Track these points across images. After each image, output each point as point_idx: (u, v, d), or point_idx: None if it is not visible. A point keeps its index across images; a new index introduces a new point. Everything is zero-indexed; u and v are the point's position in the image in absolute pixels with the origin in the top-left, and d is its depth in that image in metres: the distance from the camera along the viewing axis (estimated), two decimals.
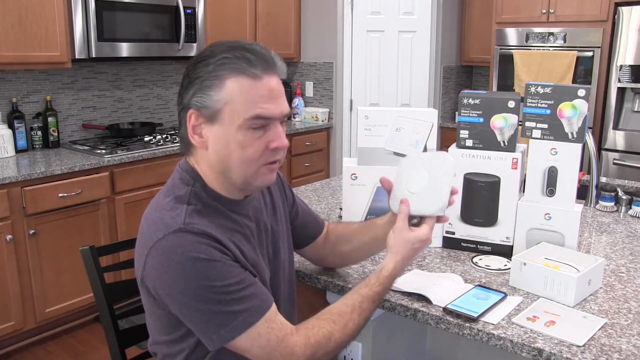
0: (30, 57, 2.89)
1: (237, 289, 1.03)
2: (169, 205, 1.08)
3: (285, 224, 1.32)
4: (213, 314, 1.02)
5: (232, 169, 1.08)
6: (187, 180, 1.12)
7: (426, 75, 4.43)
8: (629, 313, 1.26)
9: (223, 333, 1.03)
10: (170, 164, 3.29)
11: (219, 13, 3.79)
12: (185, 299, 1.02)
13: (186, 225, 1.03)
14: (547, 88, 1.47)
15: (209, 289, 1.01)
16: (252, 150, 1.06)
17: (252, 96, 1.04)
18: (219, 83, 1.04)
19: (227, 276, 1.02)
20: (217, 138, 1.07)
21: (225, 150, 1.07)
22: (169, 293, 1.03)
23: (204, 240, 1.03)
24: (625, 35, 3.57)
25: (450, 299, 1.29)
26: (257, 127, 1.06)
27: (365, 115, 1.62)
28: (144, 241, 1.07)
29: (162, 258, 1.02)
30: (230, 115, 1.05)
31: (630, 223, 1.91)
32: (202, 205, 1.09)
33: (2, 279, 2.65)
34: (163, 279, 1.03)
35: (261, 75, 1.05)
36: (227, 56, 1.05)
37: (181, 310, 1.05)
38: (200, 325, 1.04)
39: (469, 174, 1.59)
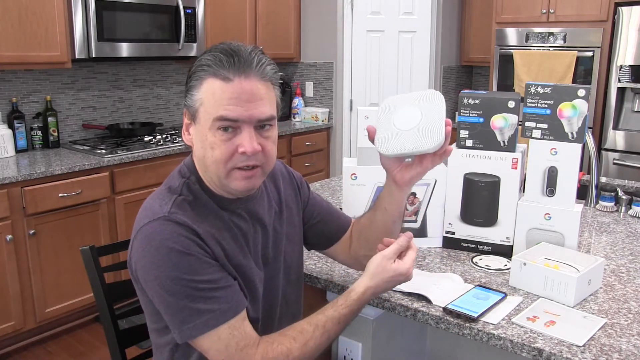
0: (30, 57, 2.89)
1: (207, 287, 1.03)
2: (161, 194, 1.11)
3: (295, 226, 1.31)
4: (179, 308, 1.03)
5: (208, 168, 1.10)
6: (184, 172, 1.15)
7: (426, 75, 4.43)
8: (629, 313, 1.26)
9: (185, 329, 1.04)
10: (170, 164, 3.29)
11: (219, 13, 3.79)
12: (157, 287, 1.04)
13: (170, 215, 1.05)
14: (547, 88, 1.47)
15: (178, 280, 1.02)
16: (219, 152, 1.06)
17: (220, 98, 1.05)
18: (198, 84, 1.07)
19: (198, 272, 1.03)
20: (196, 137, 1.10)
21: (202, 149, 1.09)
22: (145, 278, 1.05)
23: (183, 232, 1.04)
24: (625, 35, 3.57)
25: (450, 299, 1.29)
26: (224, 129, 1.05)
27: (365, 115, 1.62)
28: (134, 226, 1.10)
29: (143, 242, 1.05)
30: (203, 115, 1.07)
31: (630, 223, 1.91)
32: (193, 198, 1.11)
33: (2, 279, 2.65)
34: (142, 263, 1.05)
35: (232, 77, 1.05)
36: (208, 57, 1.07)
37: (154, 298, 1.06)
38: (168, 317, 1.06)
39: (469, 174, 1.59)
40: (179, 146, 3.34)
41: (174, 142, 3.41)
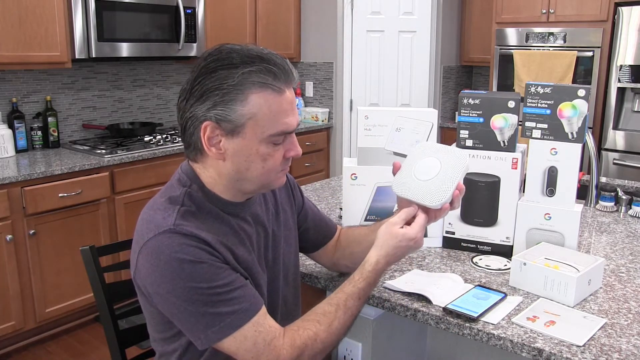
0: (30, 57, 2.89)
1: (225, 290, 1.03)
2: (162, 206, 1.09)
3: (291, 228, 1.31)
4: (200, 315, 1.02)
5: (248, 179, 1.09)
6: (184, 181, 1.13)
7: (426, 75, 4.43)
8: (629, 313, 1.26)
9: (210, 334, 1.03)
10: (170, 164, 3.29)
11: (219, 13, 3.79)
12: (173, 299, 1.02)
13: (176, 227, 1.03)
14: (547, 88, 1.47)
15: (195, 290, 1.01)
16: (273, 162, 1.08)
17: (276, 111, 1.05)
18: (243, 97, 1.03)
19: (214, 278, 1.02)
20: (237, 151, 1.06)
21: (246, 162, 1.07)
22: (157, 292, 1.04)
23: (191, 242, 1.03)
24: (625, 35, 3.57)
25: (450, 299, 1.29)
26: (278, 142, 1.07)
27: (365, 115, 1.62)
28: (137, 240, 1.08)
29: (150, 258, 1.03)
30: (253, 129, 1.04)
31: (630, 223, 1.91)
32: (196, 208, 1.09)
33: (2, 279, 2.65)
34: (152, 278, 1.03)
35: (284, 88, 1.05)
36: (251, 69, 1.03)
37: (170, 310, 1.05)
38: (188, 325, 1.04)
39: (469, 174, 1.58)
40: (179, 146, 3.34)
41: (174, 142, 3.41)
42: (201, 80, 1.05)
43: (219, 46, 1.08)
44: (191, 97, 1.06)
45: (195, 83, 1.05)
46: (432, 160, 1.21)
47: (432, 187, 1.18)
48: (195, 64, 1.08)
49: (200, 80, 1.05)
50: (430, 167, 1.20)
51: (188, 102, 1.07)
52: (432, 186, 1.18)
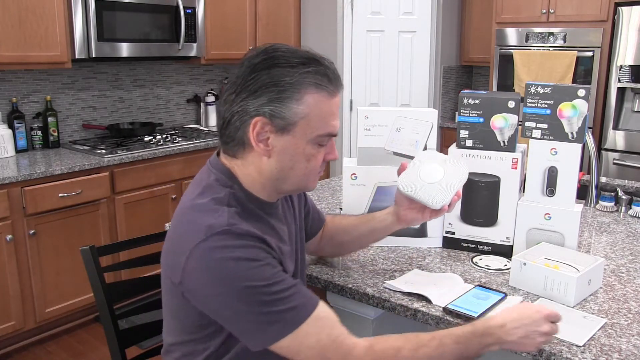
0: (30, 57, 2.89)
1: (282, 288, 1.01)
2: (208, 206, 1.06)
3: (299, 223, 1.32)
4: (258, 315, 1.00)
5: (289, 178, 1.10)
6: (223, 181, 1.11)
7: (426, 75, 4.43)
8: (629, 313, 1.26)
9: (269, 334, 1.01)
10: (170, 164, 3.29)
11: (219, 13, 3.79)
12: (228, 300, 1.00)
13: (230, 227, 1.01)
14: (547, 88, 1.47)
15: (253, 289, 0.99)
16: (314, 163, 1.10)
17: (326, 113, 1.07)
18: (299, 96, 1.04)
19: (271, 277, 1.01)
20: (284, 148, 1.07)
21: (290, 161, 1.08)
22: (211, 293, 1.01)
23: (248, 242, 1.01)
24: (625, 35, 3.57)
25: (450, 299, 1.29)
26: (323, 142, 1.10)
27: (365, 115, 1.62)
28: (183, 242, 1.04)
29: (205, 259, 1.00)
30: (303, 128, 1.06)
31: (630, 223, 1.91)
32: (241, 209, 1.08)
33: (2, 279, 2.65)
34: (206, 279, 1.00)
35: (335, 92, 1.08)
36: (308, 70, 1.05)
37: (222, 312, 1.02)
38: (243, 327, 1.02)
39: (469, 174, 1.58)
40: (179, 146, 3.34)
41: (174, 142, 3.41)
42: (256, 76, 1.04)
43: (272, 44, 1.09)
44: (243, 91, 1.05)
45: (250, 78, 1.05)
46: (437, 166, 1.34)
47: (435, 189, 1.30)
48: (246, 59, 1.08)
49: (255, 75, 1.05)
50: (435, 172, 1.33)
51: (239, 96, 1.06)
52: (435, 189, 1.30)
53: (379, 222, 1.40)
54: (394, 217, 1.38)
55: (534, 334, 1.07)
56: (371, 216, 1.42)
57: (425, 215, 1.35)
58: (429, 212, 1.34)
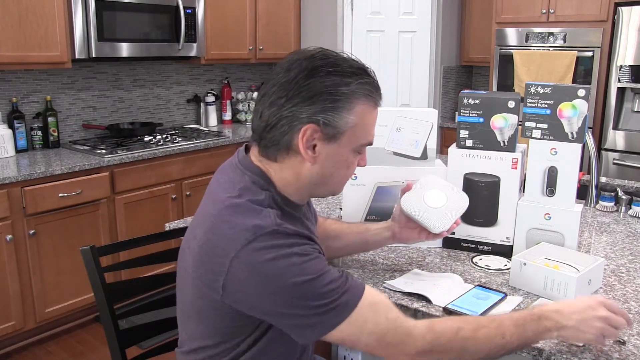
0: (30, 57, 2.89)
1: (333, 278, 1.01)
2: (249, 207, 1.04)
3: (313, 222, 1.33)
4: (313, 308, 0.99)
5: (326, 184, 1.12)
6: (261, 184, 1.09)
7: (426, 75, 4.43)
8: (629, 313, 1.26)
9: (324, 321, 1.00)
10: (170, 164, 3.29)
11: (219, 13, 3.79)
12: (281, 298, 0.99)
13: (279, 226, 1.01)
14: (547, 88, 1.47)
15: (308, 283, 0.99)
16: (352, 170, 1.14)
17: (370, 123, 1.11)
18: (351, 106, 1.06)
19: (322, 269, 1.01)
20: (330, 156, 1.08)
21: (333, 168, 1.10)
22: (261, 293, 0.99)
23: (298, 241, 1.02)
24: (625, 35, 3.57)
25: (450, 299, 1.29)
26: (361, 151, 1.13)
27: None
28: (226, 243, 1.01)
29: (256, 260, 0.98)
30: (350, 137, 1.08)
31: (630, 223, 1.91)
32: (279, 211, 1.08)
33: (2, 279, 2.65)
34: (256, 280, 0.99)
35: (380, 103, 1.12)
36: (361, 81, 1.07)
37: (274, 311, 1.01)
38: (298, 322, 1.01)
39: (469, 174, 1.59)
40: (179, 146, 3.34)
41: (174, 142, 3.41)
42: (311, 83, 1.04)
43: (321, 50, 1.10)
44: (296, 97, 1.04)
45: (305, 84, 1.04)
46: (441, 193, 1.40)
47: (436, 214, 1.36)
48: (294, 63, 1.07)
49: (310, 82, 1.04)
50: (438, 198, 1.39)
51: (290, 101, 1.05)
52: (437, 214, 1.36)
53: (373, 236, 1.41)
54: (389, 233, 1.41)
55: (591, 319, 1.06)
56: (365, 228, 1.43)
57: (421, 236, 1.40)
58: (426, 234, 1.39)
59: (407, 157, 1.63)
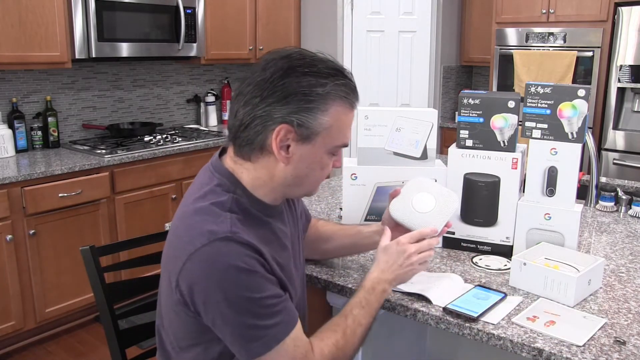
0: (30, 57, 2.89)
1: (272, 303, 1.03)
2: (210, 211, 1.05)
3: (300, 225, 1.33)
4: (246, 327, 1.01)
5: (301, 185, 1.12)
6: (227, 186, 1.10)
7: (426, 75, 4.42)
8: (629, 313, 1.26)
9: (254, 347, 1.02)
10: (170, 164, 3.29)
11: (219, 13, 3.79)
12: (222, 309, 1.00)
13: (233, 234, 1.01)
14: (547, 88, 1.47)
15: (247, 300, 1.00)
16: (326, 171, 1.14)
17: (346, 125, 1.10)
18: (326, 107, 1.05)
19: (265, 289, 1.02)
20: (303, 157, 1.08)
21: (307, 169, 1.10)
22: (205, 301, 1.01)
23: (248, 252, 1.02)
24: (625, 35, 3.57)
25: (450, 299, 1.29)
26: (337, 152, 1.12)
27: (365, 115, 1.62)
28: (183, 245, 1.04)
29: (204, 265, 1.00)
30: (324, 138, 1.07)
31: (630, 223, 1.91)
32: (243, 215, 1.08)
33: (2, 279, 2.65)
34: (203, 286, 1.01)
35: (356, 105, 1.11)
36: (337, 82, 1.06)
37: (214, 320, 1.03)
38: (233, 338, 1.03)
39: (469, 174, 1.59)
40: (179, 146, 3.34)
41: (174, 142, 3.41)
42: (286, 83, 1.03)
43: (297, 50, 1.08)
44: (270, 97, 1.04)
45: (279, 84, 1.03)
46: (429, 196, 1.36)
47: (427, 219, 1.33)
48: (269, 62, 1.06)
49: (285, 82, 1.03)
50: (427, 202, 1.35)
51: (264, 100, 1.04)
52: (427, 218, 1.33)
53: (364, 239, 1.42)
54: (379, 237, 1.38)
55: (405, 260, 1.23)
56: (356, 230, 1.44)
57: None
58: None
59: (407, 157, 1.63)
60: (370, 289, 1.20)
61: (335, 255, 1.52)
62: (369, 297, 1.19)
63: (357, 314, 1.17)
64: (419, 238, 1.26)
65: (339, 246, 1.46)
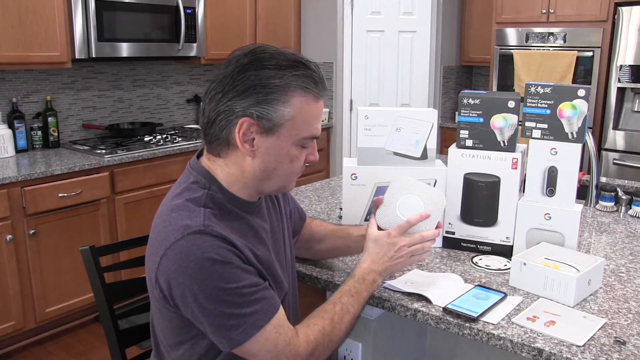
0: (30, 57, 2.89)
1: (250, 292, 1.04)
2: (185, 207, 1.08)
3: (286, 222, 1.33)
4: (225, 317, 1.02)
5: (271, 179, 1.12)
6: (202, 183, 1.12)
7: (426, 75, 4.43)
8: (629, 313, 1.26)
9: (234, 336, 1.03)
10: (170, 164, 3.29)
11: (219, 13, 3.79)
12: (199, 301, 1.02)
13: (205, 227, 1.03)
14: (547, 88, 1.47)
15: (223, 291, 1.01)
16: (297, 164, 1.12)
17: (311, 116, 1.09)
18: (285, 98, 1.05)
19: (241, 279, 1.03)
20: (269, 149, 1.08)
21: (275, 162, 1.09)
22: (183, 294, 1.03)
23: (221, 244, 1.03)
24: (625, 35, 3.57)
25: (450, 299, 1.29)
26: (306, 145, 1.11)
27: (365, 115, 1.62)
28: (159, 241, 1.06)
29: (179, 258, 1.02)
30: (289, 130, 1.07)
31: (630, 223, 1.91)
32: (218, 209, 1.09)
33: (2, 279, 2.65)
34: (179, 279, 1.02)
35: (320, 96, 1.10)
36: (296, 73, 1.06)
37: (194, 312, 1.04)
38: (213, 328, 1.04)
39: (469, 174, 1.59)
40: (179, 146, 3.34)
41: (174, 142, 3.41)
42: (244, 77, 1.05)
43: (259, 45, 1.10)
44: (230, 91, 1.06)
45: (238, 78, 1.05)
46: (414, 198, 1.32)
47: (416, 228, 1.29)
48: (233, 58, 1.08)
49: (243, 76, 1.05)
50: (414, 207, 1.31)
51: (226, 95, 1.06)
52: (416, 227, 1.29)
53: (354, 242, 1.41)
54: None
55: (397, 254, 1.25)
56: (347, 233, 1.43)
57: None
58: None
59: (407, 157, 1.63)
60: (360, 279, 1.22)
61: (328, 256, 1.52)
62: (358, 287, 1.21)
63: (346, 302, 1.18)
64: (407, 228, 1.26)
65: (331, 247, 1.46)
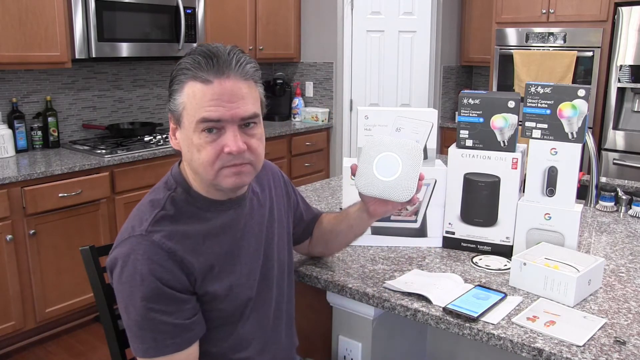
0: (30, 57, 2.89)
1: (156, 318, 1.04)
2: (144, 207, 1.11)
3: (285, 226, 1.32)
4: (128, 327, 1.06)
5: (197, 171, 1.10)
6: (170, 184, 1.14)
7: (426, 75, 4.43)
8: (629, 313, 1.26)
9: (135, 346, 1.06)
10: (170, 164, 3.29)
11: (219, 13, 3.79)
12: (119, 299, 1.07)
13: (147, 234, 1.06)
14: (547, 88, 1.47)
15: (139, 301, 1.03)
16: (205, 154, 1.06)
17: (201, 100, 1.04)
18: (179, 88, 1.07)
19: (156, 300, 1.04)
20: (182, 141, 1.10)
21: (189, 153, 1.09)
22: (115, 287, 1.08)
23: (157, 251, 1.04)
24: (625, 35, 3.57)
25: (450, 299, 1.29)
26: (208, 130, 1.05)
27: (365, 115, 1.62)
28: (118, 235, 1.12)
29: (118, 256, 1.06)
30: (187, 118, 1.07)
31: (630, 223, 1.91)
32: (176, 211, 1.10)
33: (2, 279, 2.65)
34: (115, 276, 1.07)
35: (212, 79, 1.04)
36: (187, 61, 1.06)
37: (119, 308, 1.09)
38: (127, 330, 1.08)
39: (469, 174, 1.59)
40: None
41: None
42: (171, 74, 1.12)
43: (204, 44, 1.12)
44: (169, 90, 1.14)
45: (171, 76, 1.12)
46: (390, 156, 1.25)
47: (399, 184, 1.25)
48: None
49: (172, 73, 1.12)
50: (391, 165, 1.25)
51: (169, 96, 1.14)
52: (399, 183, 1.25)
53: (354, 219, 1.38)
54: (365, 214, 1.34)
55: None
56: (346, 213, 1.41)
57: (395, 206, 1.31)
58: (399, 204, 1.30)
59: None
60: None
61: (339, 245, 1.49)
62: None
63: None
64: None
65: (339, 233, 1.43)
